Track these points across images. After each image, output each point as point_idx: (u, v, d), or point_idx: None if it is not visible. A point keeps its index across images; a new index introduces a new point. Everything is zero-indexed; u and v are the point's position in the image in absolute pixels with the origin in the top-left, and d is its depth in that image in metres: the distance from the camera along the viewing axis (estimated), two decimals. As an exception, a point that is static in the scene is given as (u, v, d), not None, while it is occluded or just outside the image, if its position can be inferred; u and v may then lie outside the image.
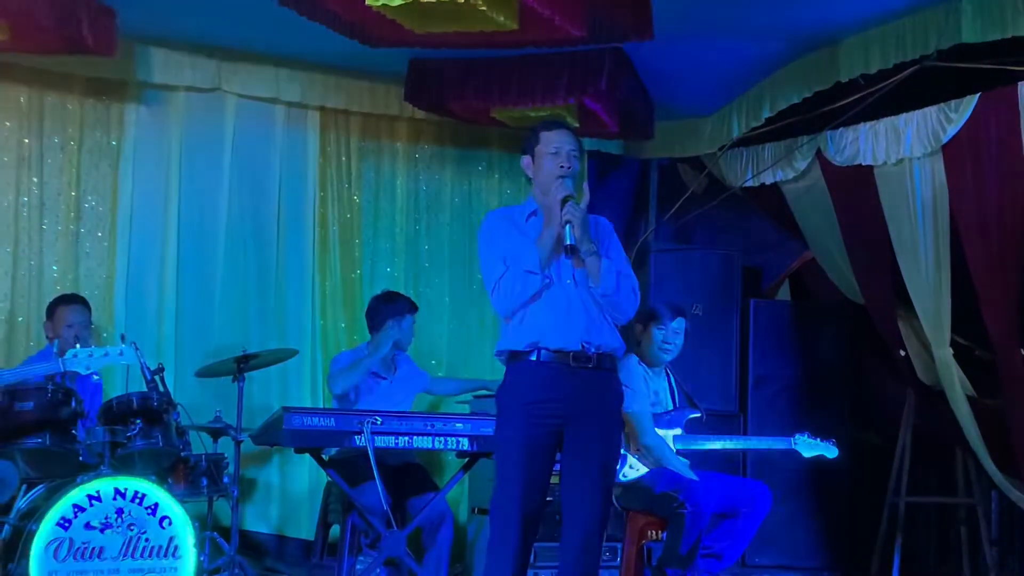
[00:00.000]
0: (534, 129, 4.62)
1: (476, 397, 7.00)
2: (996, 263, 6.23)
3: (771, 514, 5.84)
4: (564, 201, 4.32)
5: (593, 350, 4.36)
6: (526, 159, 4.57)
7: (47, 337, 6.34)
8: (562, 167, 4.43)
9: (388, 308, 6.66)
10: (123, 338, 5.70)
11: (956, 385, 6.69)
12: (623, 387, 5.79)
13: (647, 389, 5.89)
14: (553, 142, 4.49)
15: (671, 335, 5.99)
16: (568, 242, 4.30)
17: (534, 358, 4.35)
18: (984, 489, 7.41)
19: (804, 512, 7.70)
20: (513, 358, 4.43)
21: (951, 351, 6.65)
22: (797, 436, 6.24)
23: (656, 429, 5.84)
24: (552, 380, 4.32)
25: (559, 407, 4.32)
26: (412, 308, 6.73)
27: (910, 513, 7.60)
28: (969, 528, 7.55)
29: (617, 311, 4.43)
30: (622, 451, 5.77)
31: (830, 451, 6.25)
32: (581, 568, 4.33)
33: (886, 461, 7.69)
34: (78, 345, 5.51)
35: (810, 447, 6.23)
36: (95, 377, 6.10)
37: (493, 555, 4.34)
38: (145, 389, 5.69)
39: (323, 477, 6.39)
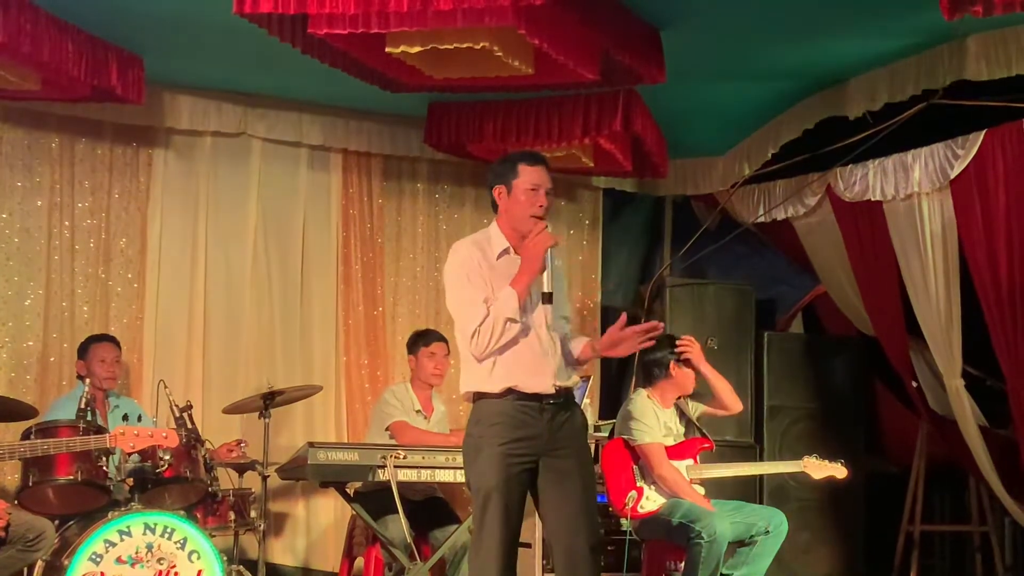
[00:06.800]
0: (511, 158, 4.43)
1: None
2: (1005, 294, 6.30)
3: (787, 543, 5.89)
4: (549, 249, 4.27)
5: (563, 390, 4.38)
6: (499, 188, 4.38)
7: (79, 376, 6.41)
8: (540, 207, 4.31)
9: (420, 337, 6.82)
10: (163, 384, 6.07)
11: (968, 415, 6.74)
12: (632, 421, 5.93)
13: (658, 422, 5.99)
14: (533, 179, 4.33)
15: None
16: (547, 289, 4.26)
17: (508, 400, 4.30)
18: (997, 517, 7.44)
19: (819, 541, 7.74)
20: (483, 398, 4.35)
21: (963, 381, 6.72)
22: (806, 458, 6.33)
23: (670, 460, 5.94)
24: (525, 421, 4.29)
25: (532, 445, 4.30)
26: (441, 337, 6.87)
27: (925, 541, 7.64)
28: (983, 555, 7.58)
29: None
30: (639, 483, 5.90)
31: (838, 471, 6.32)
32: None
33: (900, 490, 7.74)
34: (87, 383, 5.77)
35: (819, 468, 6.31)
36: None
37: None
38: (175, 426, 5.84)
39: (348, 510, 6.49)
